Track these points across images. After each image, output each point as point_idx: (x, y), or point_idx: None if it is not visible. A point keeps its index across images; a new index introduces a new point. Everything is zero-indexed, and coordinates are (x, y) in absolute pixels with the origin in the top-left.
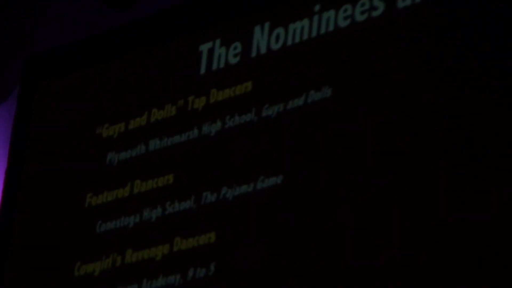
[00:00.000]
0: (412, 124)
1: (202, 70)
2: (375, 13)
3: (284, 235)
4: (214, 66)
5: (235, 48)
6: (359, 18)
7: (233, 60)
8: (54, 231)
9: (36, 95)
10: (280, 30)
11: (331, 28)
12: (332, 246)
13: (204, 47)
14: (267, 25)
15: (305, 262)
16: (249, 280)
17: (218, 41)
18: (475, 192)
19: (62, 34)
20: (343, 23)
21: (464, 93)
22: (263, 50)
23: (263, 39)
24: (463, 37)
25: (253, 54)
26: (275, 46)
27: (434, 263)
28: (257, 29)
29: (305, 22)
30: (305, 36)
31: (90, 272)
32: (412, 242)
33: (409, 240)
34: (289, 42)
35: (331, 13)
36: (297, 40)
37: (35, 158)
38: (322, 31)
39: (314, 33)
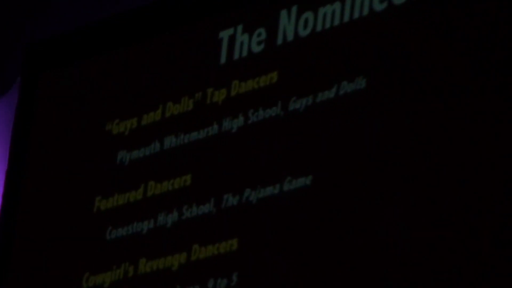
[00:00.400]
0: (458, 119)
1: (223, 59)
2: None
3: (313, 242)
4: (236, 55)
5: (259, 35)
6: (397, 0)
7: (256, 48)
8: (60, 238)
9: (39, 87)
10: (309, 15)
11: (365, 12)
12: (368, 255)
13: (225, 34)
14: (294, 9)
15: (336, 272)
16: None
17: (240, 27)
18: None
19: (68, 20)
20: (379, 7)
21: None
22: (290, 37)
23: (290, 25)
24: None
25: (279, 41)
26: (303, 33)
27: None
28: (283, 13)
29: (337, 5)
30: (337, 21)
31: (99, 283)
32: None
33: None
34: (319, 28)
35: None
36: (327, 25)
37: (37, 157)
38: (356, 15)
39: (346, 18)
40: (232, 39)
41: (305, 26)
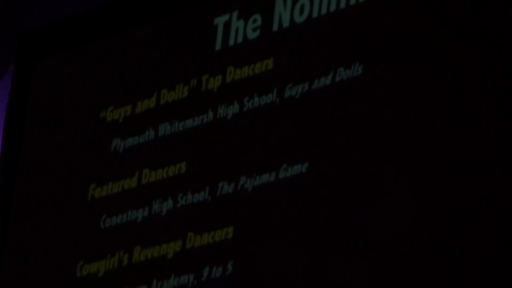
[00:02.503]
0: (454, 105)
1: (218, 46)
2: None
3: (309, 230)
4: (231, 42)
5: (254, 21)
6: None
7: (252, 35)
8: (53, 227)
9: (33, 74)
10: (305, 1)
11: None
12: (364, 243)
13: (220, 20)
14: None
15: (332, 259)
16: (270, 280)
17: (235, 13)
18: None
19: (61, 7)
20: None
21: None
22: (286, 23)
23: (286, 11)
24: None
25: (275, 27)
26: (299, 19)
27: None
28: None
29: None
30: (333, 7)
31: (94, 272)
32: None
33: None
34: (315, 14)
35: None
36: (323, 11)
37: (31, 144)
38: (353, 1)
39: (343, 4)
40: (227, 25)
41: (301, 12)
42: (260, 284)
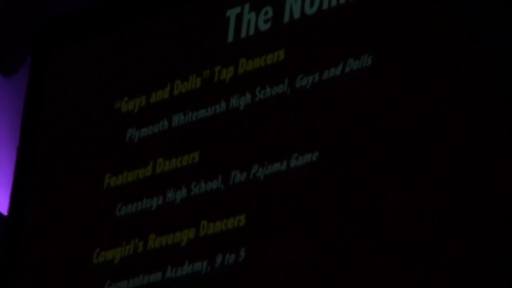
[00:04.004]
0: (463, 96)
1: (230, 37)
2: None
3: (320, 217)
4: (243, 34)
5: (265, 13)
6: None
7: (263, 27)
8: (70, 215)
9: (49, 66)
10: None
11: None
12: (374, 231)
13: (232, 12)
14: None
15: (343, 247)
16: (282, 267)
17: (247, 6)
18: None
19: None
20: None
21: None
22: (297, 15)
23: (297, 3)
24: None
25: (286, 19)
26: (310, 11)
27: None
28: None
29: None
30: None
31: (109, 259)
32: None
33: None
34: (325, 5)
35: None
36: (333, 3)
37: (48, 135)
38: None
39: None
40: (239, 17)
41: (312, 4)
42: (272, 270)
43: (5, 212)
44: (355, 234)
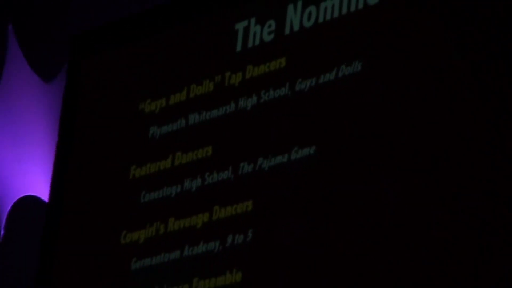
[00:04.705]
0: (444, 99)
1: (238, 47)
2: None
3: (318, 203)
4: (250, 44)
5: (269, 26)
6: None
7: (267, 38)
8: (101, 202)
9: (83, 72)
10: (312, 8)
11: (360, 5)
12: (365, 214)
13: (240, 26)
14: (299, 3)
15: (338, 228)
16: (285, 246)
17: (253, 20)
18: None
19: (106, 13)
20: (372, 0)
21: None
22: (296, 27)
23: (296, 17)
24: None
25: (287, 31)
26: (308, 24)
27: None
28: (290, 7)
29: (336, 0)
30: (336, 14)
31: (135, 239)
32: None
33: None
34: (321, 19)
35: None
36: (328, 17)
37: (83, 131)
38: (352, 8)
39: (344, 11)
40: (246, 30)
41: (309, 18)
42: (276, 249)
43: (46, 199)
44: (349, 216)
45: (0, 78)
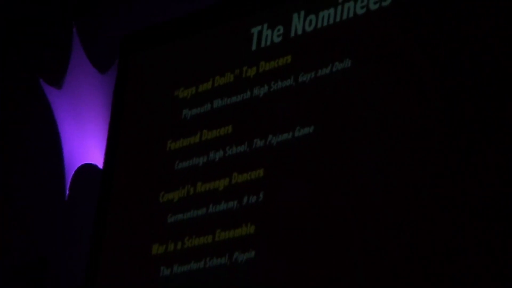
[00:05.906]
0: (419, 94)
1: (253, 47)
2: (384, 3)
3: (315, 171)
4: (263, 44)
5: (278, 30)
6: (373, 7)
7: (277, 39)
8: (144, 169)
9: (130, 66)
10: (312, 17)
11: (351, 15)
12: (353, 178)
13: (255, 30)
14: (302, 12)
15: (332, 189)
16: (291, 203)
17: (265, 25)
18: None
19: (149, 18)
20: (360, 11)
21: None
22: (300, 31)
23: (300, 23)
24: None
25: (292, 34)
26: (309, 29)
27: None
28: (295, 15)
29: (331, 10)
30: (331, 21)
31: (171, 199)
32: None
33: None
34: (319, 25)
35: (351, 3)
36: (325, 24)
37: (130, 113)
38: (344, 17)
39: (338, 19)
40: (260, 33)
41: (310, 24)
42: (284, 207)
43: (101, 166)
44: (341, 179)
45: (66, 70)
